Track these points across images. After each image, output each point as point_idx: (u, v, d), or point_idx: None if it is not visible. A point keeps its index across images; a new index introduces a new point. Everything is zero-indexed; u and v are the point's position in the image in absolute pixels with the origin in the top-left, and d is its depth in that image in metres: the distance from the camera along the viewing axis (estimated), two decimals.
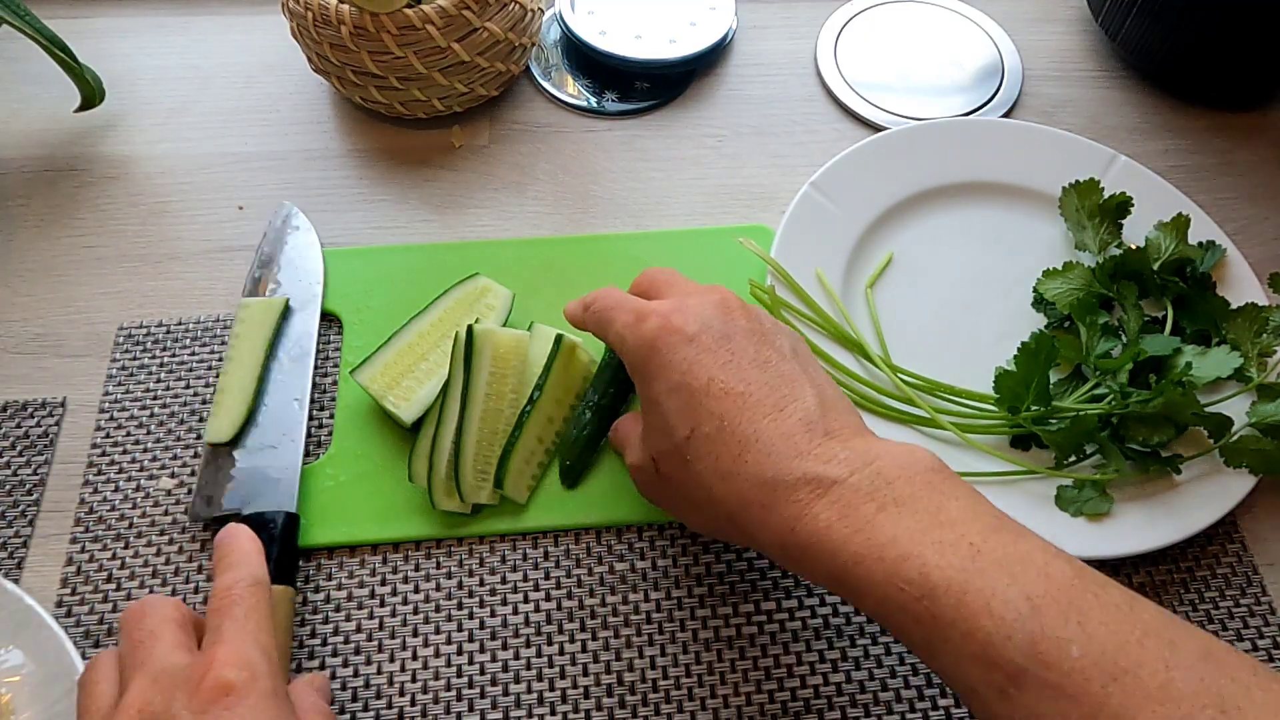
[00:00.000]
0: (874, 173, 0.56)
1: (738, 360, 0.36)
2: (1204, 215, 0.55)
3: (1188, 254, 0.52)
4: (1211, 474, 0.47)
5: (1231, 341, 0.48)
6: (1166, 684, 0.27)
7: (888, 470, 0.33)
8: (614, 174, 0.60)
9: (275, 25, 0.64)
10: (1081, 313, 0.49)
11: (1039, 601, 0.29)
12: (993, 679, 0.29)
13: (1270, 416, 0.46)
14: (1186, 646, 0.29)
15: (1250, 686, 0.27)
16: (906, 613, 0.30)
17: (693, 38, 0.64)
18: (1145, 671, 0.28)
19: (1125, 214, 0.54)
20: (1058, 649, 0.28)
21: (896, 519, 0.32)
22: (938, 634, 0.30)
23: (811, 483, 0.33)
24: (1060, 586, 0.30)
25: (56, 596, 0.44)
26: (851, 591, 0.32)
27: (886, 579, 0.31)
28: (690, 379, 0.36)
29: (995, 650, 0.29)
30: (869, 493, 0.32)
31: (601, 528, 0.47)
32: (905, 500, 0.32)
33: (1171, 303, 0.51)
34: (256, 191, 0.58)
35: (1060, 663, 0.28)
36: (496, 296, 0.51)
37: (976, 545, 0.31)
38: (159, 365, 0.51)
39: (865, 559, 0.31)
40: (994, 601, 0.29)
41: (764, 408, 0.35)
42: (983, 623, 0.29)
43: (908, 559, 0.30)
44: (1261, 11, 0.56)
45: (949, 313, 0.53)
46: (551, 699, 0.42)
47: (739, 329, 0.38)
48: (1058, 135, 0.58)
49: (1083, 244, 0.54)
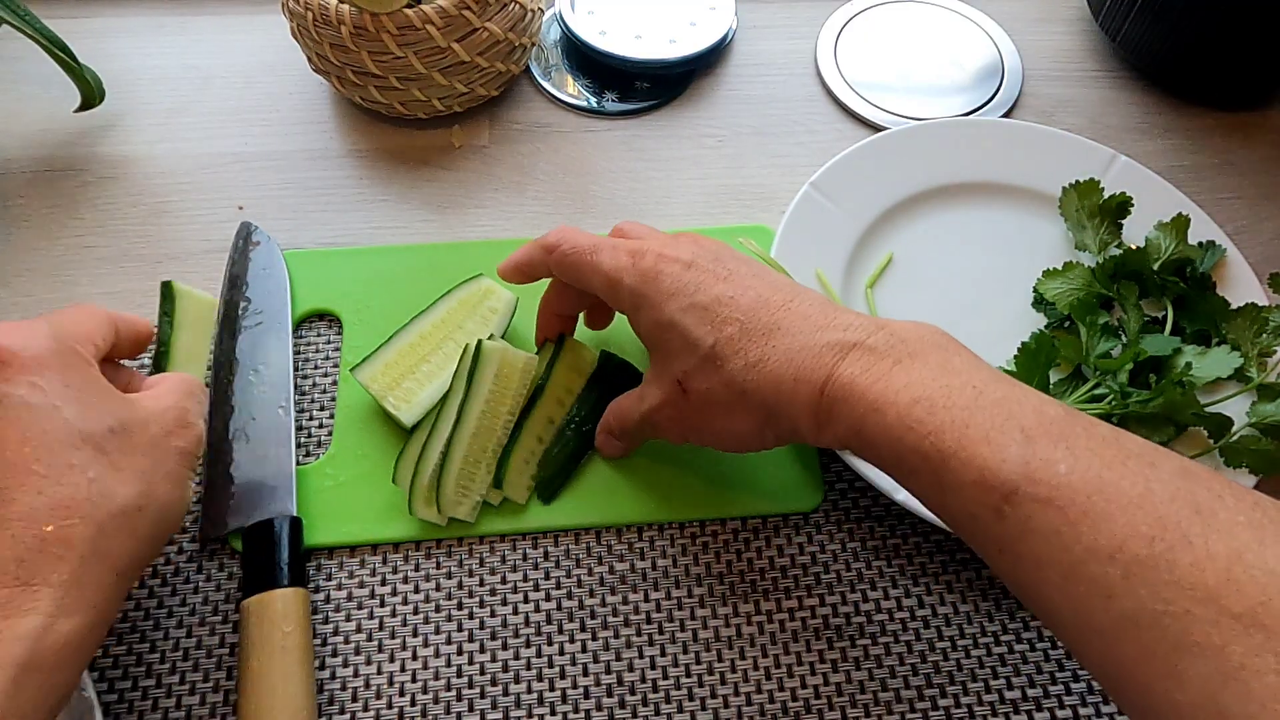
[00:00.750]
0: (874, 173, 0.56)
1: (735, 275, 0.40)
2: (1204, 215, 0.55)
3: (1188, 254, 0.52)
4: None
5: (1231, 341, 0.48)
6: (1145, 493, 0.30)
7: (900, 331, 0.36)
8: (614, 174, 0.60)
9: (275, 25, 0.64)
10: (1081, 313, 0.49)
11: (1032, 432, 0.32)
12: (989, 500, 0.31)
13: (1270, 416, 0.46)
14: (1166, 465, 0.31)
15: (1222, 494, 0.30)
16: (916, 452, 0.33)
17: (693, 38, 0.64)
18: (1126, 483, 0.30)
19: (1125, 214, 0.54)
20: (1047, 468, 0.31)
21: (909, 369, 0.35)
22: (941, 465, 0.32)
23: (835, 347, 0.36)
24: (1051, 420, 0.32)
25: None
26: (869, 440, 0.35)
27: (899, 420, 0.33)
28: (700, 296, 0.39)
29: (990, 474, 0.31)
30: (885, 350, 0.35)
31: (601, 528, 0.47)
32: (917, 354, 0.35)
33: (1171, 303, 0.51)
34: (256, 191, 0.58)
35: (1049, 479, 0.30)
36: (499, 300, 0.51)
37: (979, 388, 0.33)
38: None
39: (881, 404, 0.34)
40: (992, 433, 0.32)
41: (775, 303, 0.38)
42: (980, 450, 0.32)
43: (918, 401, 0.33)
44: (1261, 11, 0.56)
45: (949, 313, 0.53)
46: (551, 699, 0.42)
47: (725, 253, 0.41)
48: (1058, 135, 0.58)
49: (1083, 244, 0.54)
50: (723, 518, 0.47)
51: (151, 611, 0.44)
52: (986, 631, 0.44)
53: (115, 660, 0.43)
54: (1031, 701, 0.43)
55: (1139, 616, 0.28)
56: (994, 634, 0.44)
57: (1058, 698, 0.43)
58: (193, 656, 0.43)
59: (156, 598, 0.44)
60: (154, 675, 0.42)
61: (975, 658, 0.44)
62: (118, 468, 0.35)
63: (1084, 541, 0.29)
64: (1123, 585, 0.28)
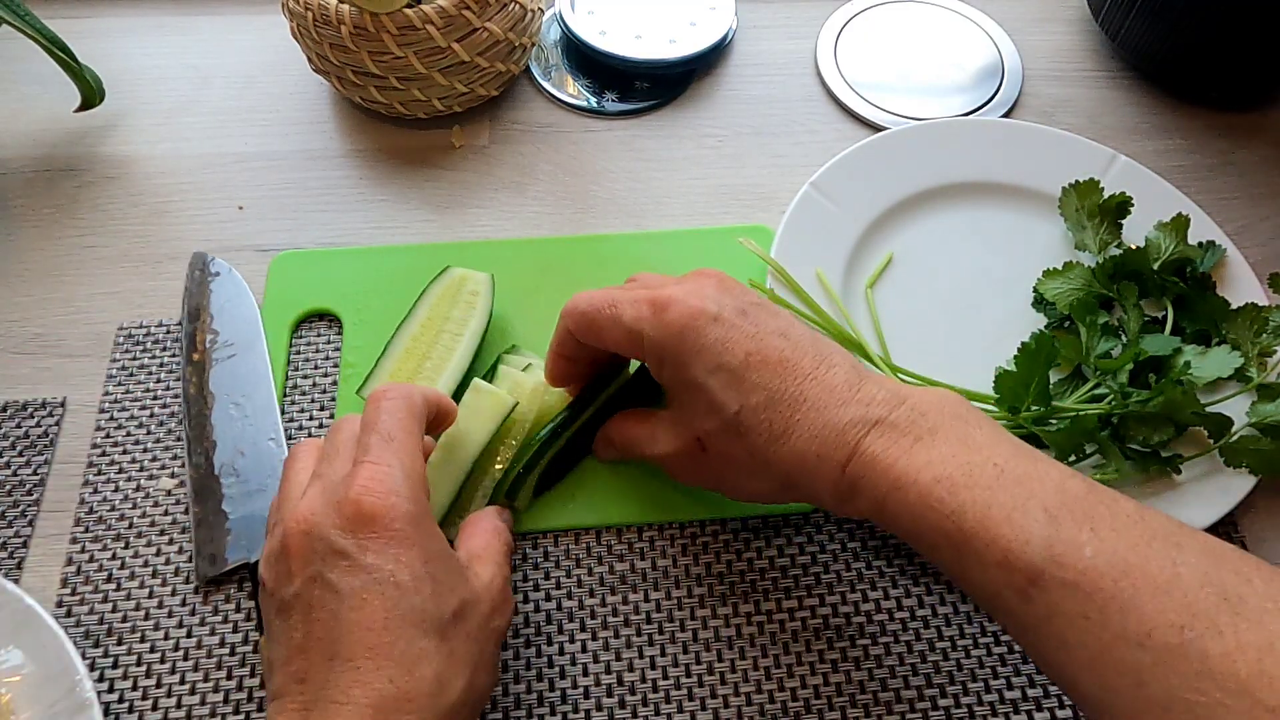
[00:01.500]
0: (874, 173, 0.56)
1: (762, 331, 0.38)
2: (1204, 215, 0.55)
3: (1188, 254, 0.52)
4: (1211, 474, 0.47)
5: (1232, 341, 0.48)
6: (1173, 577, 0.29)
7: (920, 405, 0.36)
8: (614, 174, 0.60)
9: (275, 25, 0.64)
10: (1081, 313, 0.49)
11: (1056, 512, 0.32)
12: (1014, 581, 0.31)
13: (1270, 416, 0.46)
14: (1192, 546, 0.31)
15: (1251, 577, 0.30)
16: (938, 530, 0.33)
17: (693, 38, 0.64)
18: (1153, 567, 0.30)
19: (1125, 214, 0.54)
20: (1072, 550, 0.31)
21: (930, 446, 0.34)
22: (965, 545, 0.32)
23: (858, 424, 0.35)
24: (1074, 499, 0.32)
25: (56, 596, 0.44)
26: (891, 516, 0.35)
27: (921, 501, 0.33)
28: (728, 357, 0.37)
29: (1015, 556, 0.31)
30: (906, 427, 0.35)
31: (601, 528, 0.47)
32: (938, 430, 0.35)
33: (1171, 303, 0.51)
34: (256, 191, 0.58)
35: (1075, 562, 0.30)
36: (477, 283, 0.51)
37: (1000, 466, 0.33)
38: (159, 365, 0.51)
39: (903, 483, 0.34)
40: (1015, 514, 0.32)
41: (803, 369, 0.37)
42: (1004, 532, 0.32)
43: (939, 481, 0.33)
44: (1261, 11, 0.56)
45: (949, 313, 0.53)
46: (551, 699, 0.42)
47: (748, 302, 0.40)
48: (1058, 135, 0.58)
49: (1083, 244, 0.54)
50: (723, 518, 0.47)
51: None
52: (986, 631, 0.44)
53: (115, 660, 0.43)
54: (1031, 701, 0.43)
55: (1171, 704, 0.28)
56: (994, 634, 0.44)
57: (1058, 697, 0.43)
58: (193, 656, 0.43)
59: (147, 588, 0.44)
60: (154, 675, 0.42)
61: (975, 658, 0.44)
62: (455, 658, 0.34)
63: (1112, 628, 0.29)
64: (1153, 672, 0.28)
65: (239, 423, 0.48)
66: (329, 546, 0.34)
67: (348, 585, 0.33)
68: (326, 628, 0.33)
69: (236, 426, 0.48)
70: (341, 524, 0.34)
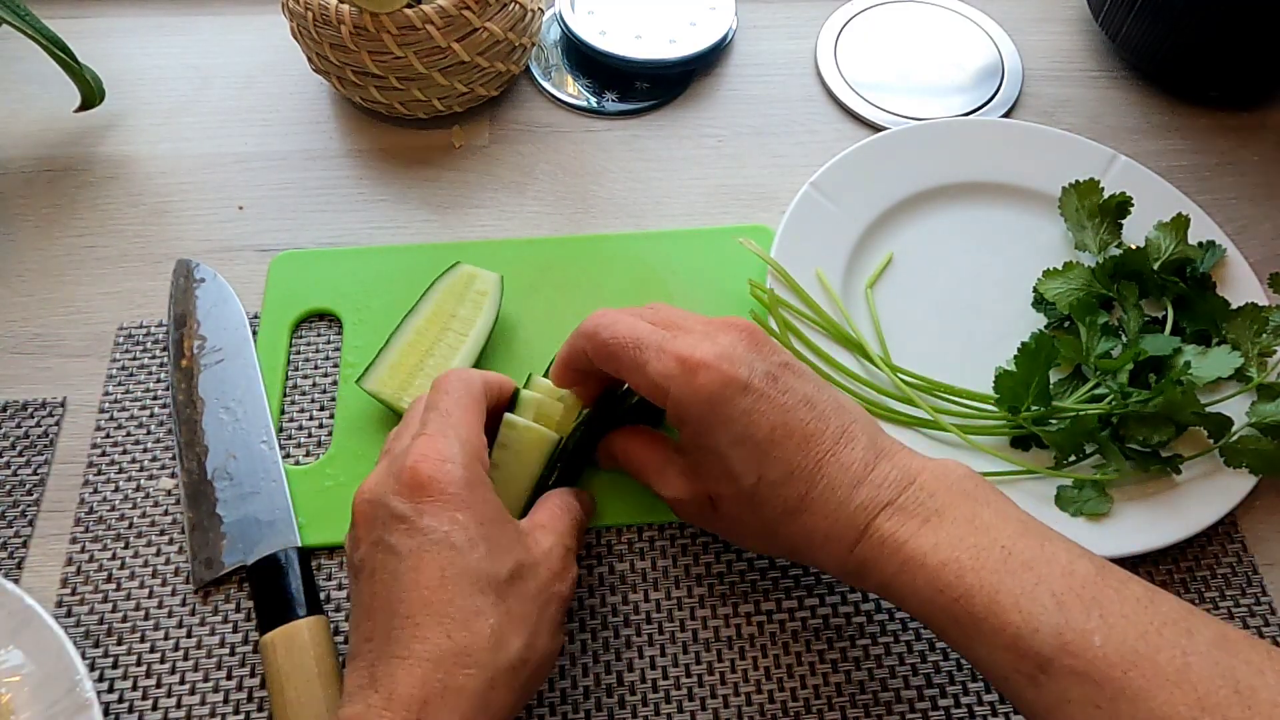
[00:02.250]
0: (874, 173, 0.56)
1: (790, 401, 0.37)
2: (1204, 215, 0.55)
3: (1188, 254, 0.52)
4: (1212, 474, 0.47)
5: (1232, 341, 0.48)
6: (1184, 668, 0.30)
7: (929, 484, 0.36)
8: (614, 174, 0.60)
9: (275, 25, 0.64)
10: (1081, 313, 0.49)
11: (1064, 597, 0.32)
12: (1023, 667, 0.31)
13: (1270, 416, 0.46)
14: (1203, 634, 0.31)
15: (1263, 669, 0.30)
16: (946, 613, 0.33)
17: (693, 38, 0.64)
18: (1163, 657, 0.30)
19: (1125, 214, 0.54)
20: (1081, 639, 0.31)
21: (937, 529, 0.35)
22: (973, 629, 0.32)
23: (869, 507, 0.36)
24: (1083, 583, 0.32)
25: (56, 596, 0.44)
26: (899, 596, 0.35)
27: (928, 584, 0.34)
28: (754, 430, 0.37)
29: (1024, 642, 0.31)
30: (914, 509, 0.35)
31: (601, 528, 0.47)
32: (945, 510, 0.35)
33: (1171, 303, 0.51)
34: (256, 191, 0.58)
35: (1084, 651, 0.30)
36: (486, 282, 0.51)
37: (1007, 549, 0.34)
38: (159, 365, 0.51)
39: (910, 566, 0.34)
40: (1022, 599, 0.32)
41: (824, 445, 0.37)
42: (1012, 618, 0.32)
43: (946, 565, 0.33)
44: (1261, 11, 0.56)
45: (949, 313, 0.53)
46: (552, 699, 0.42)
47: (777, 364, 0.38)
48: (1058, 135, 0.58)
49: (1083, 244, 0.54)
50: None
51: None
52: None
53: (115, 660, 0.43)
54: None
55: None
56: None
57: None
58: (193, 656, 0.43)
59: (147, 588, 0.44)
60: (154, 675, 0.42)
61: None
62: (512, 616, 0.35)
63: (1123, 719, 0.29)
64: None
65: (230, 427, 0.48)
66: (389, 512, 0.35)
67: (406, 546, 0.34)
68: (388, 587, 0.34)
69: (228, 431, 0.48)
70: (400, 490, 0.35)
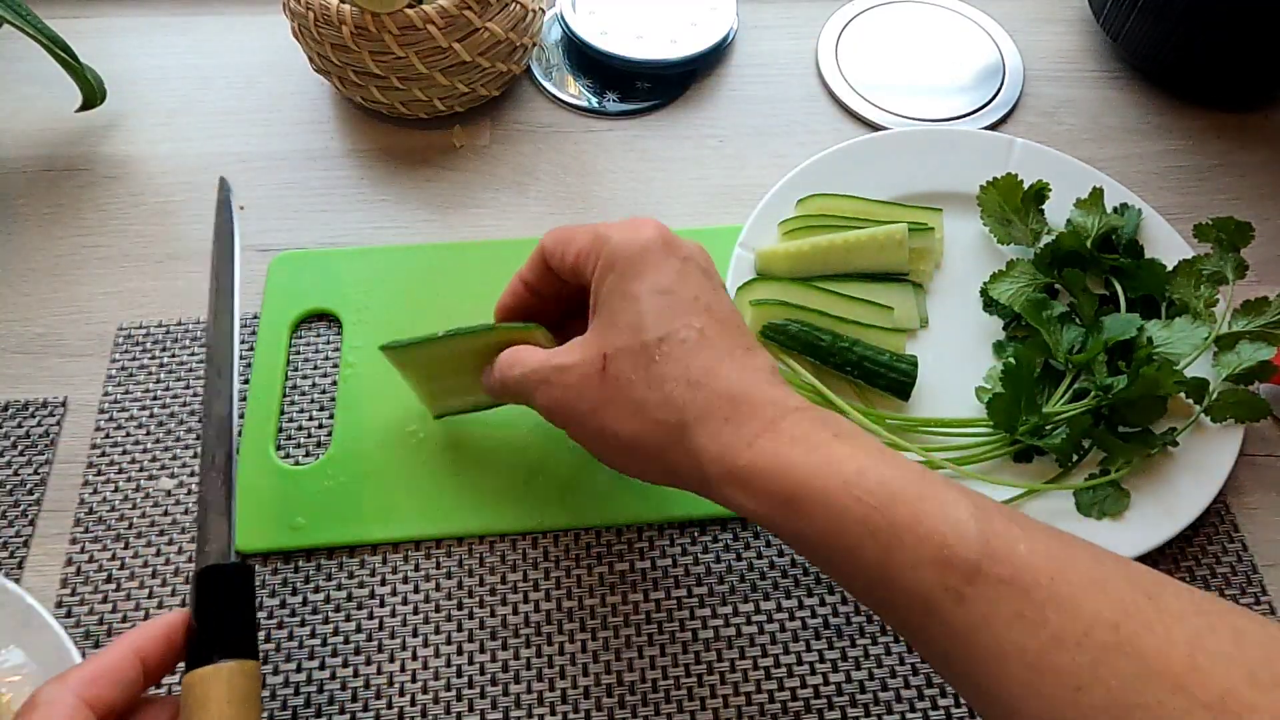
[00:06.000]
0: (836, 181, 0.55)
1: (719, 295, 0.38)
2: (1111, 180, 0.55)
3: (1111, 223, 0.53)
4: (1202, 442, 0.47)
5: (1179, 302, 0.49)
6: (1102, 576, 0.29)
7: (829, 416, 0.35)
8: (615, 174, 0.60)
9: (276, 25, 0.64)
10: (1032, 312, 0.49)
11: (984, 509, 0.31)
12: (949, 581, 0.29)
13: (1236, 365, 0.47)
14: (1104, 552, 0.31)
15: (1160, 580, 0.30)
16: (863, 524, 0.31)
17: (694, 38, 0.64)
18: (1081, 565, 0.29)
19: (1044, 199, 0.53)
20: (1007, 545, 0.30)
21: (851, 443, 0.33)
22: (895, 540, 0.30)
23: (777, 404, 0.34)
24: (997, 505, 0.32)
25: (56, 596, 0.44)
26: (802, 511, 0.32)
27: (843, 490, 0.31)
28: (680, 287, 0.36)
29: (950, 549, 0.29)
30: (824, 421, 0.34)
31: (601, 528, 0.47)
32: (857, 434, 0.34)
33: (1113, 276, 0.51)
34: (257, 191, 0.58)
35: (1010, 557, 0.29)
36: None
37: (919, 467, 0.33)
38: (159, 365, 0.51)
39: (822, 473, 0.32)
40: (947, 506, 0.30)
41: (743, 341, 0.36)
42: (938, 525, 0.30)
43: (865, 472, 0.31)
44: (1262, 11, 0.56)
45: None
46: (551, 699, 0.42)
47: (714, 275, 0.39)
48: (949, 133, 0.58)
49: (1008, 238, 0.53)
50: (723, 518, 0.47)
51: None
52: None
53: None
54: None
55: (1111, 709, 0.27)
56: None
57: None
58: None
59: (146, 588, 0.44)
60: None
61: None
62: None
63: (1050, 627, 0.28)
64: (1091, 675, 0.27)
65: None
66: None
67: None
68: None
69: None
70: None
